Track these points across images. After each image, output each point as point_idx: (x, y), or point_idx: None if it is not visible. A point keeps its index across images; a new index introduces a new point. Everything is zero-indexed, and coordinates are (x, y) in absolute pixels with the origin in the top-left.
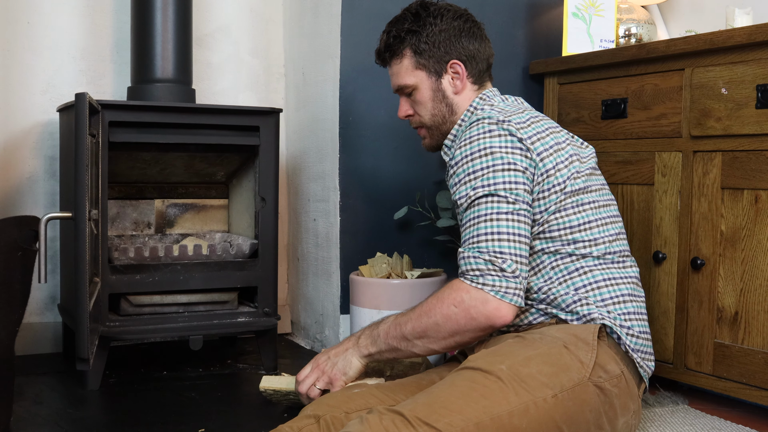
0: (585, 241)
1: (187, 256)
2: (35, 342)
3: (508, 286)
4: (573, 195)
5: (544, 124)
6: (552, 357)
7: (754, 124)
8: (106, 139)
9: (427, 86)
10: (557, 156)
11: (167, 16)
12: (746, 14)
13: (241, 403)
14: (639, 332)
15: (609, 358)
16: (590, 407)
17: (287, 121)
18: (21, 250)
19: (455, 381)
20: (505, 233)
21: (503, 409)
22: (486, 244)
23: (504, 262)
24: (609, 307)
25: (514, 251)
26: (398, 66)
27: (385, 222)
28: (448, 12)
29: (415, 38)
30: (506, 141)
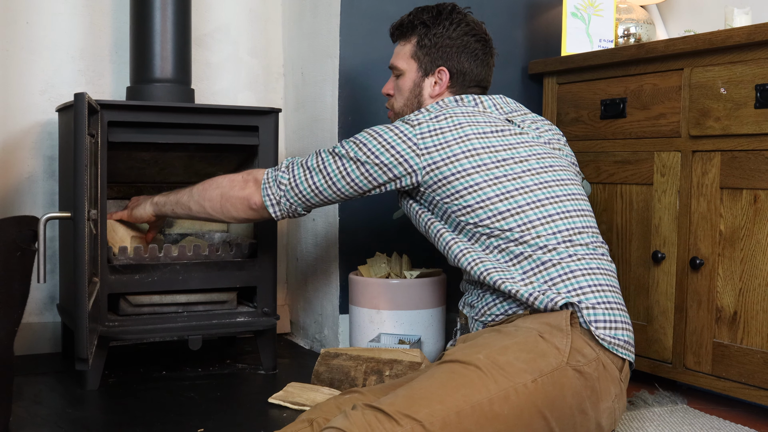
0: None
1: (186, 256)
2: (34, 342)
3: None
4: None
5: (458, 120)
6: (528, 345)
7: (753, 123)
8: (105, 139)
9: (411, 77)
10: (456, 148)
11: (166, 15)
12: (745, 14)
13: (241, 403)
14: (595, 303)
15: (583, 343)
16: (571, 391)
17: (286, 121)
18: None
19: (434, 374)
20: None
21: (483, 396)
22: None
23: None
24: (557, 286)
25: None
26: (401, 47)
27: (384, 222)
28: (467, 26)
29: (424, 30)
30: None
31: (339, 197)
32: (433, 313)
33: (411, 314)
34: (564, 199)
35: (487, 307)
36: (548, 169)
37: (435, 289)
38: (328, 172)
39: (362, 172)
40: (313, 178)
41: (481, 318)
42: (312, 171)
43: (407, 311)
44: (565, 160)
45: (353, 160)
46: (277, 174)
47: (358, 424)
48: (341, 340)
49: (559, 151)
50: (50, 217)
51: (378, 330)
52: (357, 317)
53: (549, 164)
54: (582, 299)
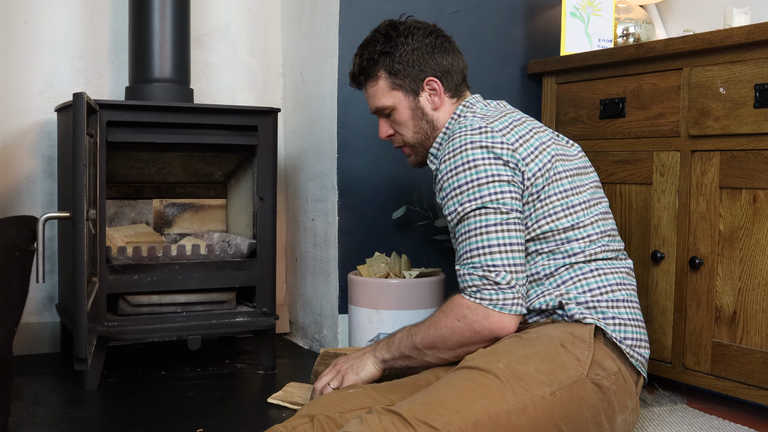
0: (574, 241)
1: (185, 255)
2: (33, 342)
3: (505, 298)
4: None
5: (528, 126)
6: (549, 355)
7: (752, 123)
8: (104, 139)
9: (405, 106)
10: (542, 158)
11: (165, 15)
12: (744, 14)
13: (240, 402)
14: (628, 319)
15: (606, 355)
16: (588, 405)
17: (285, 120)
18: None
19: (453, 380)
20: (496, 245)
21: (501, 407)
22: (479, 259)
23: (498, 275)
24: (597, 297)
25: (507, 261)
26: (374, 88)
27: (383, 222)
28: (418, 30)
29: (388, 59)
30: (488, 152)
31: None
32: None
33: (410, 314)
34: (608, 217)
35: None
36: (592, 185)
37: (434, 289)
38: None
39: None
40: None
41: None
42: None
43: (406, 311)
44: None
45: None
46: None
47: (374, 429)
48: (340, 340)
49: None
50: (49, 217)
51: (377, 330)
52: (356, 317)
53: (593, 179)
54: (616, 314)
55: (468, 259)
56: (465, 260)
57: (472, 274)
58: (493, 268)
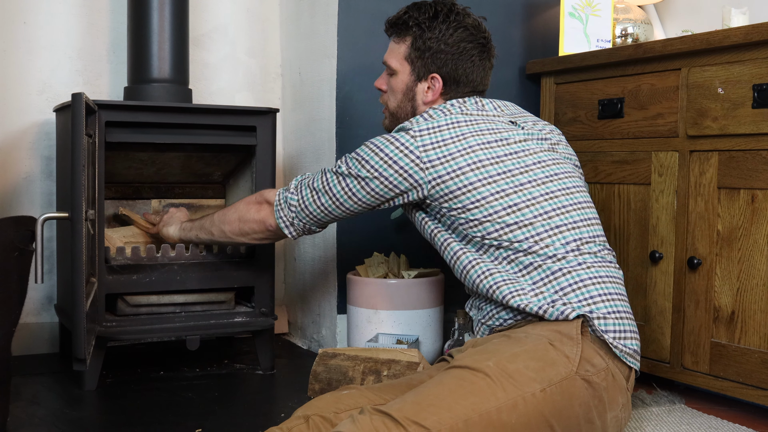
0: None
1: (183, 256)
2: (32, 342)
3: (283, 209)
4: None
5: (461, 130)
6: (538, 353)
7: (750, 123)
8: (102, 139)
9: (404, 79)
10: (462, 160)
11: (164, 16)
12: (742, 14)
13: (238, 403)
14: (606, 313)
15: (593, 352)
16: (579, 401)
17: (284, 121)
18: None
19: (443, 379)
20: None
21: (491, 405)
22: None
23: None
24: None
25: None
26: (395, 46)
27: (381, 222)
28: (465, 31)
29: (419, 32)
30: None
31: (349, 214)
32: (431, 313)
33: (409, 314)
34: (570, 209)
35: (496, 311)
36: (553, 177)
37: (433, 289)
38: (334, 192)
39: (368, 191)
40: (320, 198)
41: (488, 322)
42: (318, 192)
43: (405, 311)
44: (568, 164)
45: (357, 178)
46: (287, 195)
47: (366, 430)
48: (339, 340)
49: (562, 155)
50: (48, 218)
51: (376, 330)
52: (355, 317)
53: (554, 172)
54: (593, 309)
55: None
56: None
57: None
58: (298, 191)
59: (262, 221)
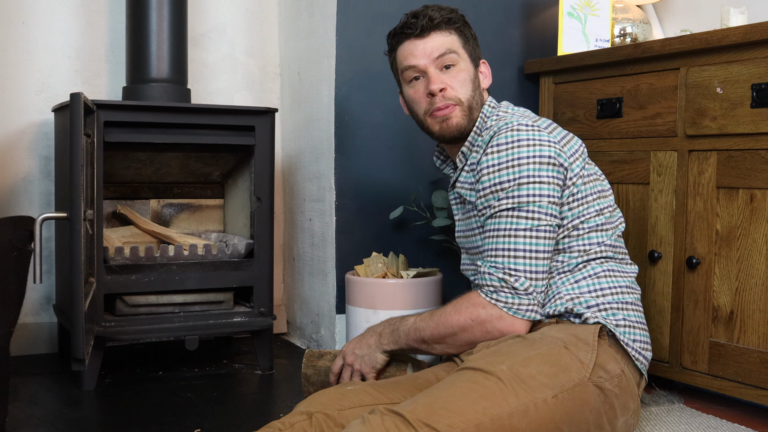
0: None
1: (182, 256)
2: (31, 342)
3: (521, 303)
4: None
5: (561, 129)
6: (552, 357)
7: (749, 123)
8: (101, 139)
9: (467, 67)
10: (580, 161)
11: (162, 15)
12: (741, 13)
13: (237, 403)
14: (636, 322)
15: (609, 357)
16: (590, 407)
17: (283, 120)
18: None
19: (456, 381)
20: (522, 250)
21: (503, 410)
22: (502, 260)
23: (517, 281)
24: (607, 297)
25: (529, 268)
26: (442, 38)
27: (380, 222)
28: None
29: (462, 25)
30: (534, 150)
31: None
32: None
33: (407, 314)
34: (619, 223)
35: None
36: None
37: (432, 289)
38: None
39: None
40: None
41: None
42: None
43: (404, 311)
44: None
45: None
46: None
47: (377, 431)
48: (338, 340)
49: None
50: (46, 218)
51: None
52: (353, 317)
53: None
54: (625, 315)
55: (491, 257)
56: (488, 257)
57: (492, 274)
58: (514, 272)
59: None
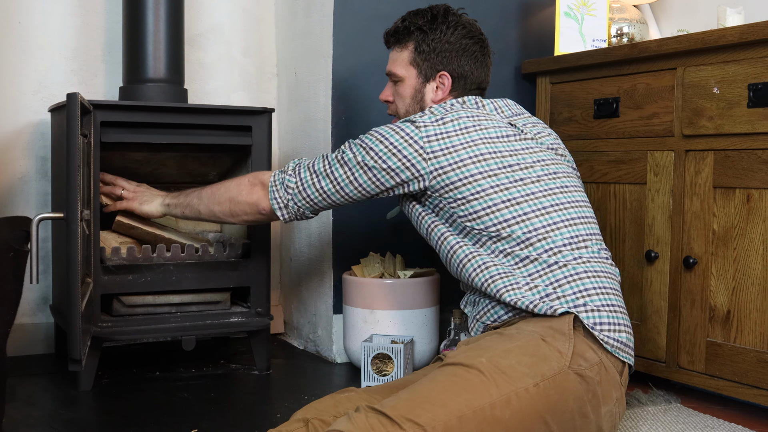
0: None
1: (179, 256)
2: (27, 343)
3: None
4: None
5: (464, 123)
6: (530, 348)
7: (746, 123)
8: (97, 139)
9: (411, 84)
10: (463, 153)
11: (159, 15)
12: (738, 13)
13: (234, 403)
14: (600, 306)
15: (586, 346)
16: (573, 395)
17: (279, 120)
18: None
19: (437, 377)
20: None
21: (485, 401)
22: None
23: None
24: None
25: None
26: (397, 54)
27: (377, 222)
28: (464, 29)
29: (421, 36)
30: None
31: (347, 201)
32: (427, 313)
33: (405, 314)
34: (568, 206)
35: (490, 307)
36: (553, 176)
37: (429, 289)
38: (336, 177)
39: (369, 177)
40: (320, 182)
41: (482, 318)
42: (319, 175)
43: (401, 311)
44: (567, 165)
45: (360, 164)
46: (284, 177)
47: (361, 428)
48: (335, 341)
49: (561, 157)
50: (43, 218)
51: (372, 330)
52: (351, 317)
53: (553, 171)
54: (587, 301)
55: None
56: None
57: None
58: (296, 173)
59: (254, 204)
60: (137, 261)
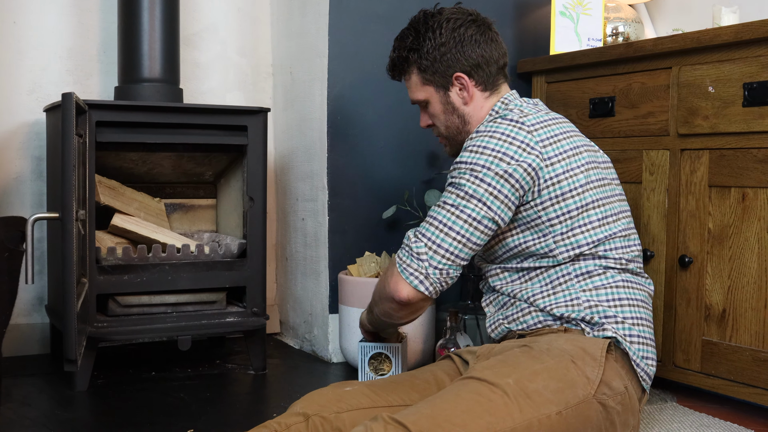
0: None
1: (175, 256)
2: (23, 343)
3: (410, 264)
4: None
5: (563, 127)
6: (559, 372)
7: (741, 122)
8: (93, 139)
9: (436, 100)
10: (572, 161)
11: (154, 15)
12: (733, 13)
13: (230, 403)
14: (648, 338)
15: (614, 373)
16: (592, 425)
17: (275, 120)
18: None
19: (460, 392)
20: (438, 221)
21: (507, 425)
22: (421, 226)
23: (416, 243)
24: (623, 308)
25: (435, 239)
26: (408, 82)
27: (373, 221)
28: (448, 22)
29: (416, 56)
30: (502, 146)
31: (485, 234)
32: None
33: None
34: (632, 231)
35: (521, 314)
36: (620, 196)
37: None
38: (467, 213)
39: (502, 200)
40: (452, 228)
41: (510, 324)
42: (446, 223)
43: None
44: None
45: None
46: (410, 250)
47: None
48: (330, 340)
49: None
50: (38, 218)
51: None
52: (347, 317)
53: (617, 186)
54: (640, 331)
55: (423, 226)
56: (421, 226)
57: (410, 237)
58: (420, 236)
59: (390, 297)
60: (133, 261)
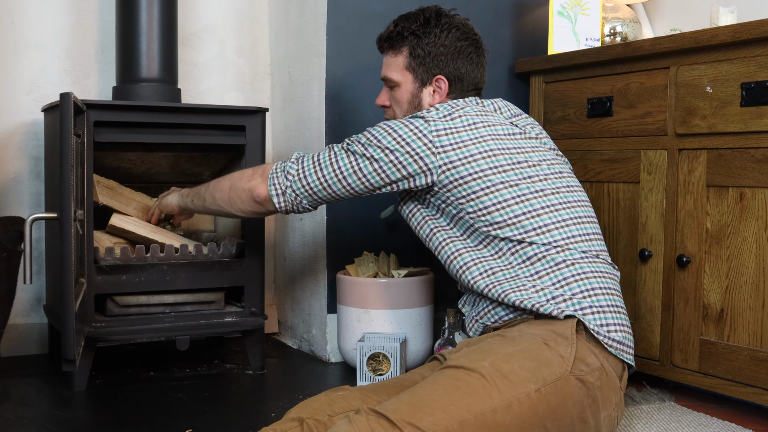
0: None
1: (173, 256)
2: (21, 343)
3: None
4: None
5: (472, 120)
6: (533, 352)
7: (738, 122)
8: (91, 139)
9: (408, 89)
10: (473, 148)
11: (152, 15)
12: (731, 12)
13: (229, 403)
14: (605, 306)
15: (588, 351)
16: (573, 401)
17: (273, 120)
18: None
19: (438, 380)
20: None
21: (486, 405)
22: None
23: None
24: (569, 285)
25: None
26: (392, 59)
27: (371, 221)
28: (457, 30)
29: (415, 41)
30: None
31: (348, 193)
32: (421, 312)
33: (399, 313)
34: (576, 205)
35: (491, 308)
36: (558, 175)
37: (423, 288)
38: (340, 166)
39: (374, 168)
40: (323, 170)
41: (482, 319)
42: (322, 164)
43: (395, 310)
44: (567, 166)
45: (366, 155)
46: (286, 165)
47: (362, 431)
48: (329, 340)
49: (561, 158)
50: (36, 218)
51: (366, 329)
52: (345, 316)
53: (558, 170)
54: (593, 302)
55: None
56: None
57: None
58: (299, 162)
59: (251, 190)
60: (131, 261)
